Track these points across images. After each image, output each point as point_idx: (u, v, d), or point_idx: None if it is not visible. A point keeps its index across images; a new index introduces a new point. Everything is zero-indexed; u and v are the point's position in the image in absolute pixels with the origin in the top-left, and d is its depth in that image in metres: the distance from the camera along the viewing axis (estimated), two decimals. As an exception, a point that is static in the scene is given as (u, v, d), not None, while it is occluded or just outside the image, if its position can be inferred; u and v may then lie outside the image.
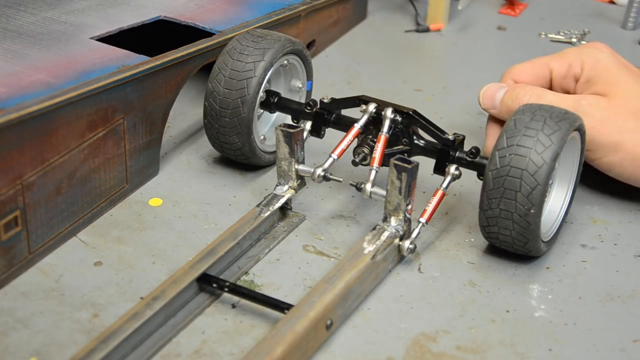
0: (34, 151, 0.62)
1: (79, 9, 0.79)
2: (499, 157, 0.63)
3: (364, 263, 0.62)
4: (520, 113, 0.65)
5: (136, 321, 0.57)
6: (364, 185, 0.67)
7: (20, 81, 0.65)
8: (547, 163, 0.62)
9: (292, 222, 0.70)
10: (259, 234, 0.67)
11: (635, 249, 0.70)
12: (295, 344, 0.55)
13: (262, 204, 0.68)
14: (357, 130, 0.70)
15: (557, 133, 0.63)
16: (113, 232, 0.69)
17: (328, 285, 0.59)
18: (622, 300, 0.64)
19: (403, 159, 0.63)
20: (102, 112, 0.67)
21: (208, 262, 0.62)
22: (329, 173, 0.69)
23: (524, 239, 0.64)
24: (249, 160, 0.74)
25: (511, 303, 0.64)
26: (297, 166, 0.69)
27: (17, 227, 0.62)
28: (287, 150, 0.68)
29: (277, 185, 0.70)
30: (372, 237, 0.64)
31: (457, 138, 0.69)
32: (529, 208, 0.62)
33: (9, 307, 0.61)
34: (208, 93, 0.72)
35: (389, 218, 0.65)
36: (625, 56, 0.75)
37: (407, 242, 0.65)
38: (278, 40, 0.72)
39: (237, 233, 0.65)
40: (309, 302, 0.58)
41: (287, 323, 0.56)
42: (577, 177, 0.69)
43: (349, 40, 1.01)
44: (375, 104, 0.71)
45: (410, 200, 0.64)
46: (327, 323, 0.58)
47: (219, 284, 0.61)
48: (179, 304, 0.60)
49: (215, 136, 0.73)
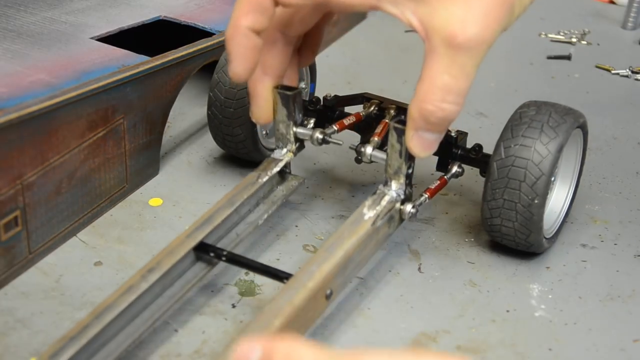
0: (34, 151, 0.62)
1: (79, 9, 0.79)
2: (504, 147, 0.63)
3: (364, 230, 0.60)
4: (525, 107, 0.65)
5: (131, 294, 0.55)
6: (364, 148, 0.66)
7: (20, 81, 0.65)
8: (551, 153, 0.62)
9: (291, 185, 0.68)
10: (257, 199, 0.66)
11: (635, 249, 0.70)
12: (294, 315, 0.54)
13: (259, 169, 0.66)
14: (360, 116, 0.70)
15: (562, 126, 0.63)
16: (113, 232, 0.69)
17: (327, 254, 0.58)
18: (622, 300, 0.64)
19: (403, 121, 0.61)
20: (102, 112, 0.67)
21: (205, 230, 0.60)
22: (328, 136, 0.68)
23: (526, 230, 0.64)
24: (250, 154, 0.74)
25: (511, 303, 0.64)
26: (296, 129, 0.67)
27: (17, 227, 0.62)
28: (285, 112, 0.66)
29: (276, 149, 0.68)
30: (372, 202, 0.62)
31: (459, 135, 0.69)
32: (533, 198, 0.62)
33: (9, 307, 0.61)
34: (213, 84, 0.72)
35: (390, 182, 0.62)
36: (625, 56, 0.75)
37: (408, 205, 0.63)
38: None
39: (234, 200, 0.63)
40: (307, 272, 0.56)
41: (286, 294, 0.55)
42: (578, 176, 0.69)
43: (349, 40, 1.01)
44: (379, 101, 0.71)
45: (411, 163, 0.62)
46: (327, 293, 0.57)
47: (217, 252, 0.60)
48: (176, 274, 0.59)
49: (218, 127, 0.73)
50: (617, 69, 0.97)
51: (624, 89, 0.95)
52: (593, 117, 0.84)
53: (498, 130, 0.66)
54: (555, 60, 1.00)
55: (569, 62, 0.99)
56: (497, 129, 0.68)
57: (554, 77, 0.96)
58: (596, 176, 0.78)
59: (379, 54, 0.98)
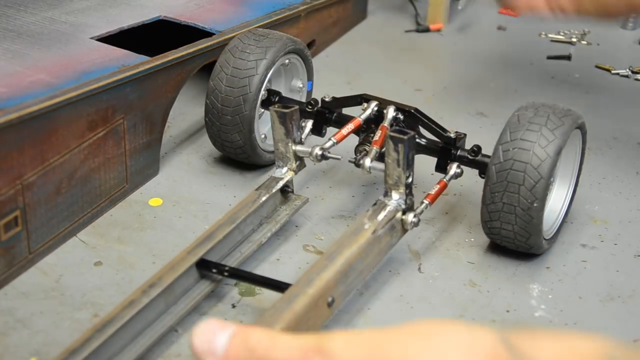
0: (34, 151, 0.62)
1: (79, 9, 0.79)
2: (503, 150, 0.63)
3: (365, 238, 0.60)
4: (523, 109, 0.65)
5: (132, 309, 0.55)
6: (363, 160, 0.66)
7: (20, 81, 0.65)
8: (550, 157, 0.62)
9: (294, 205, 0.68)
10: (260, 218, 0.66)
11: (635, 249, 0.70)
12: (294, 322, 0.54)
13: (261, 187, 0.67)
14: (359, 121, 0.70)
15: (561, 128, 0.63)
16: (113, 232, 0.69)
17: (327, 262, 0.58)
18: (622, 300, 0.64)
19: (399, 130, 0.61)
20: (102, 112, 0.67)
21: (206, 247, 0.61)
22: (327, 152, 0.68)
23: (526, 233, 0.64)
24: (249, 158, 0.74)
25: (511, 303, 0.64)
26: (295, 147, 0.67)
27: (17, 227, 0.62)
28: (283, 131, 0.66)
29: (276, 168, 0.68)
30: (372, 212, 0.62)
31: (458, 136, 0.69)
32: (532, 201, 0.62)
33: (9, 307, 0.61)
34: (210, 91, 0.72)
35: (390, 192, 0.63)
36: (625, 56, 0.75)
37: (410, 215, 0.63)
38: (280, 39, 0.73)
39: (235, 217, 0.64)
40: (307, 280, 0.56)
41: (286, 301, 0.55)
42: (577, 176, 0.69)
43: (349, 40, 1.01)
44: (377, 102, 0.71)
45: (411, 172, 0.62)
46: (329, 300, 0.57)
47: (219, 268, 0.60)
48: (178, 290, 0.59)
49: (216, 134, 0.73)
50: (617, 69, 0.97)
51: (624, 89, 0.95)
52: (593, 117, 0.84)
53: (498, 130, 0.66)
54: (555, 60, 1.00)
55: (569, 62, 0.99)
56: (497, 128, 0.68)
57: (554, 77, 0.96)
58: (596, 176, 0.78)
59: (379, 54, 0.98)
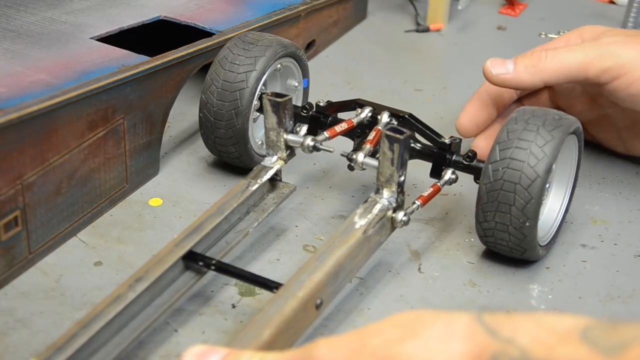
0: (34, 151, 0.62)
1: (79, 9, 0.79)
2: (492, 170, 0.62)
3: (355, 238, 0.60)
4: (513, 122, 0.63)
5: (119, 304, 0.55)
6: (356, 155, 0.66)
7: (20, 81, 0.65)
8: (540, 176, 0.61)
9: (282, 193, 0.68)
10: (248, 207, 0.66)
11: (635, 249, 0.70)
12: (283, 326, 0.53)
13: (250, 177, 0.66)
14: (353, 123, 0.70)
15: (550, 144, 0.62)
16: (113, 232, 0.69)
17: (318, 263, 0.57)
18: (622, 300, 0.64)
19: (395, 129, 0.61)
20: (102, 112, 0.67)
21: (194, 239, 0.60)
22: (319, 143, 0.68)
23: (521, 249, 0.64)
24: (247, 165, 0.74)
25: (511, 303, 0.64)
26: (286, 136, 0.67)
27: (17, 227, 0.62)
28: (275, 120, 0.66)
29: (266, 156, 0.68)
30: (363, 210, 0.62)
31: (453, 142, 0.68)
32: (524, 221, 0.62)
33: (9, 307, 0.61)
34: (202, 104, 0.72)
35: (382, 190, 0.62)
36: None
37: (400, 213, 0.63)
38: (269, 46, 0.72)
39: (224, 208, 0.63)
40: (297, 282, 0.56)
41: (275, 304, 0.54)
42: (575, 178, 0.69)
43: (349, 40, 1.01)
44: (371, 107, 0.70)
45: (403, 171, 0.62)
46: (317, 302, 0.57)
47: (205, 262, 0.60)
48: (164, 284, 0.58)
49: (212, 146, 0.73)
50: (617, 69, 0.97)
51: (623, 89, 0.95)
52: (593, 117, 0.83)
53: (498, 131, 0.66)
54: (555, 60, 1.00)
55: (569, 62, 0.99)
56: (497, 129, 0.68)
57: (554, 77, 0.96)
58: (596, 176, 0.78)
59: (379, 54, 0.98)
